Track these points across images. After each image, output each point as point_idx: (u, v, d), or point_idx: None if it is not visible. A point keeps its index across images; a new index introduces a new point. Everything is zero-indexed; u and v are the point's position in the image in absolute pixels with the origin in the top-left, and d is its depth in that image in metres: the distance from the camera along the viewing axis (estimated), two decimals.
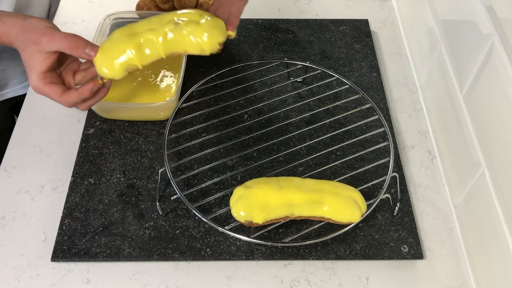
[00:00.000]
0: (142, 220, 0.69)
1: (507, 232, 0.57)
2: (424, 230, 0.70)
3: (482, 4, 0.63)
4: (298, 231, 0.67)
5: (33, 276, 0.65)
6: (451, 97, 0.72)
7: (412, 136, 0.80)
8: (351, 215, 0.63)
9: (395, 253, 0.66)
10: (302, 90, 0.82)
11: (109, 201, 0.71)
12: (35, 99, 0.83)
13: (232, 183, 0.72)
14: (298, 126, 0.78)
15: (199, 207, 0.67)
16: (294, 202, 0.63)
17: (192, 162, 0.74)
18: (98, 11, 0.97)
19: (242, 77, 0.83)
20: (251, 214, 0.62)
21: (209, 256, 0.66)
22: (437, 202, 0.73)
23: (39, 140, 0.78)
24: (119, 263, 0.66)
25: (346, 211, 0.63)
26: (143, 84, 0.81)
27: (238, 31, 0.92)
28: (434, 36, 0.79)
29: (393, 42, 0.94)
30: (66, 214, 0.69)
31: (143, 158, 0.75)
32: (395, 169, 0.74)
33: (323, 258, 0.66)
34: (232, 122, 0.79)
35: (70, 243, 0.66)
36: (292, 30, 0.93)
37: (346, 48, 0.90)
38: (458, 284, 0.66)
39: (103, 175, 0.73)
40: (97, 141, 0.77)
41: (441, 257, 0.68)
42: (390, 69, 0.90)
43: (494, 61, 0.60)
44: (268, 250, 0.67)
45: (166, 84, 0.81)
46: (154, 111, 0.77)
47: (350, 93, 0.81)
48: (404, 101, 0.85)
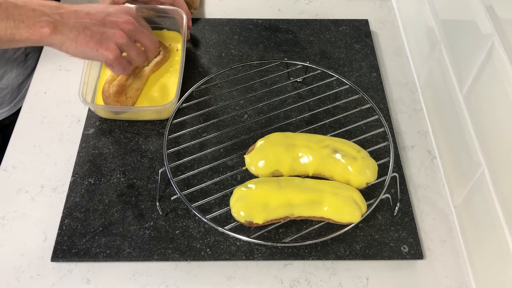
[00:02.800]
0: (142, 220, 0.69)
1: (507, 232, 0.57)
2: (424, 230, 0.70)
3: (482, 4, 0.63)
4: (298, 231, 0.67)
5: (33, 276, 0.65)
6: (451, 97, 0.72)
7: (412, 136, 0.80)
8: (351, 215, 0.63)
9: (395, 253, 0.66)
10: (302, 90, 0.82)
11: (109, 201, 0.70)
12: (35, 99, 0.83)
13: (232, 183, 0.72)
14: (298, 126, 0.78)
15: (199, 207, 0.67)
16: (294, 202, 0.63)
17: (192, 162, 0.74)
18: None
19: (242, 77, 0.83)
20: (251, 214, 0.62)
21: (209, 256, 0.66)
22: (437, 202, 0.73)
23: (39, 140, 0.78)
24: (119, 263, 0.66)
25: (346, 211, 0.63)
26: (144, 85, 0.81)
27: (238, 31, 0.92)
28: (434, 36, 0.79)
29: (393, 42, 0.94)
30: (66, 214, 0.69)
31: (143, 158, 0.75)
32: (395, 169, 0.74)
33: (323, 258, 0.66)
34: (232, 122, 0.79)
35: (70, 243, 0.66)
36: (292, 30, 0.93)
37: (346, 48, 0.90)
38: (458, 284, 0.66)
39: (103, 175, 0.73)
40: (97, 141, 0.77)
41: (441, 257, 0.68)
42: (390, 69, 0.90)
43: (494, 61, 0.60)
44: (268, 250, 0.67)
45: (166, 85, 0.81)
46: (153, 113, 0.78)
47: (350, 93, 0.81)
48: (404, 101, 0.85)
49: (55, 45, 0.63)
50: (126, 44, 0.67)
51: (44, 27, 0.61)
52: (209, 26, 0.93)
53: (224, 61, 0.88)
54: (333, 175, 0.67)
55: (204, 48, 0.90)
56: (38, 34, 0.61)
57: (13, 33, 0.61)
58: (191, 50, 0.89)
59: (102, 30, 0.65)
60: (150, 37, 0.71)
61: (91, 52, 0.64)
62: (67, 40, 0.63)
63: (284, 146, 0.67)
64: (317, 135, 0.70)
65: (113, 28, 0.66)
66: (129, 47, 0.68)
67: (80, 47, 0.64)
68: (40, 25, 0.61)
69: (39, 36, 0.61)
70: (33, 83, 0.85)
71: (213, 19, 0.95)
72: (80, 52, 0.64)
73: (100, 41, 0.64)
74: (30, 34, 0.61)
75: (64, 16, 0.63)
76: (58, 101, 0.83)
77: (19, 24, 0.61)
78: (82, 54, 0.65)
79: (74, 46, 0.63)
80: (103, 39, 0.65)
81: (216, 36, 0.92)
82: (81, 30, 0.63)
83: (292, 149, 0.67)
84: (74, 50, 0.64)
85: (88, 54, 0.65)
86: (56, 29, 0.62)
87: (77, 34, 0.63)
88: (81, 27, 0.63)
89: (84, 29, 0.64)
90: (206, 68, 0.87)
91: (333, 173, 0.67)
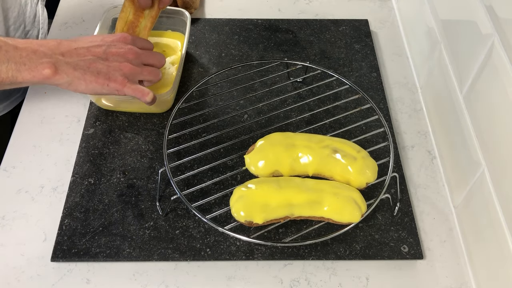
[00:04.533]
0: (142, 220, 0.69)
1: (507, 232, 0.57)
2: (424, 230, 0.70)
3: (482, 4, 0.63)
4: (298, 231, 0.67)
5: (33, 276, 0.65)
6: (451, 97, 0.72)
7: (412, 136, 0.80)
8: (351, 215, 0.63)
9: (395, 253, 0.67)
10: (302, 90, 0.82)
11: (109, 201, 0.71)
12: (35, 99, 0.83)
13: (232, 183, 0.72)
14: (298, 126, 0.78)
15: (199, 207, 0.67)
16: (294, 202, 0.63)
17: (192, 162, 0.74)
18: (98, 11, 0.97)
19: (242, 77, 0.83)
20: (251, 214, 0.62)
21: (209, 256, 0.66)
22: (437, 202, 0.73)
23: (39, 140, 0.78)
24: (119, 263, 0.66)
25: (346, 211, 0.63)
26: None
27: (238, 31, 0.92)
28: (434, 36, 0.79)
29: (393, 42, 0.94)
30: (66, 214, 0.69)
31: (143, 158, 0.75)
32: (395, 169, 0.74)
33: (323, 258, 0.66)
34: (232, 122, 0.79)
35: (70, 243, 0.66)
36: (292, 30, 0.93)
37: (346, 48, 0.90)
38: (458, 284, 0.66)
39: (103, 175, 0.73)
40: (97, 141, 0.77)
41: (441, 257, 0.68)
42: (390, 69, 0.90)
43: (494, 61, 0.60)
44: (268, 250, 0.67)
45: (165, 78, 0.81)
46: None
47: (350, 93, 0.81)
48: (404, 101, 0.85)
49: (62, 85, 0.63)
50: (135, 72, 0.67)
51: (46, 68, 0.60)
52: (209, 26, 0.93)
53: (224, 61, 0.88)
54: (333, 175, 0.67)
55: (204, 48, 0.90)
56: (40, 76, 0.61)
57: (15, 75, 0.60)
58: (191, 50, 0.89)
59: (107, 65, 0.65)
60: (153, 55, 0.71)
61: (101, 87, 0.64)
62: (74, 80, 0.62)
63: (284, 146, 0.67)
64: (317, 135, 0.70)
65: (117, 61, 0.65)
66: (139, 73, 0.68)
67: (91, 85, 0.63)
68: (42, 67, 0.60)
69: (41, 78, 0.61)
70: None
71: (213, 19, 0.95)
72: (91, 90, 0.64)
73: (108, 76, 0.64)
74: (32, 77, 0.60)
75: (66, 55, 0.63)
76: (58, 101, 0.83)
77: (21, 67, 0.60)
78: (93, 91, 0.65)
79: (84, 85, 0.63)
80: (110, 73, 0.64)
81: (216, 36, 0.92)
82: (87, 69, 0.63)
83: (292, 149, 0.67)
84: (84, 89, 0.64)
85: (99, 91, 0.65)
86: (58, 69, 0.61)
87: (83, 72, 0.63)
88: (85, 65, 0.63)
89: (89, 67, 0.63)
90: (206, 68, 0.87)
91: (333, 173, 0.67)
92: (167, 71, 0.83)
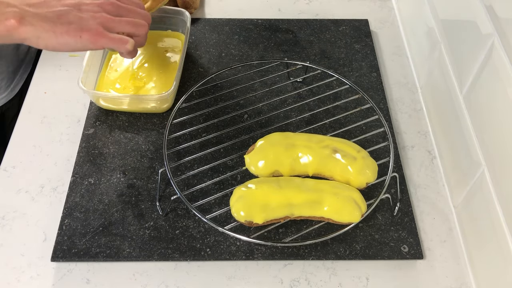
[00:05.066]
0: (142, 220, 0.69)
1: (507, 232, 0.57)
2: (424, 230, 0.70)
3: (482, 4, 0.63)
4: (298, 231, 0.67)
5: (33, 276, 0.65)
6: (451, 97, 0.72)
7: (412, 136, 0.80)
8: (351, 215, 0.63)
9: (395, 253, 0.67)
10: (302, 90, 0.82)
11: (109, 201, 0.71)
12: (35, 99, 0.83)
13: (232, 183, 0.72)
14: (298, 126, 0.78)
15: (199, 207, 0.67)
16: (294, 202, 0.63)
17: (192, 162, 0.74)
18: None
19: (242, 77, 0.83)
20: (251, 214, 0.62)
21: (209, 256, 0.66)
22: (437, 202, 0.73)
23: (39, 140, 0.78)
24: (119, 263, 0.66)
25: (346, 211, 0.63)
26: (144, 76, 0.82)
27: (238, 31, 0.92)
28: (434, 36, 0.79)
29: (393, 42, 0.94)
30: (66, 214, 0.69)
31: (143, 158, 0.75)
32: (395, 169, 0.74)
33: (323, 258, 0.66)
34: (232, 122, 0.79)
35: (70, 243, 0.66)
36: (292, 30, 0.93)
37: (346, 48, 0.90)
38: (458, 284, 0.66)
39: (103, 175, 0.73)
40: (97, 141, 0.77)
41: (441, 257, 0.68)
42: (390, 69, 0.90)
43: (494, 61, 0.60)
44: (268, 250, 0.67)
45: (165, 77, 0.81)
46: (151, 103, 0.78)
47: (350, 93, 0.81)
48: (404, 101, 0.85)
49: (30, 41, 0.56)
50: (112, 21, 0.59)
51: (10, 18, 0.54)
52: (209, 26, 0.93)
53: (224, 61, 0.88)
54: (333, 175, 0.67)
55: (204, 48, 0.90)
56: (4, 28, 0.54)
57: None
58: (191, 50, 0.89)
59: (80, 16, 0.58)
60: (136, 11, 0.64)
61: (74, 40, 0.57)
62: (43, 33, 0.56)
63: (284, 146, 0.67)
64: (317, 135, 0.70)
65: (91, 10, 0.59)
66: (117, 23, 0.60)
67: (62, 39, 0.56)
68: (5, 16, 0.54)
69: (5, 30, 0.54)
70: (33, 83, 0.85)
71: (213, 19, 0.95)
72: (62, 44, 0.57)
73: (81, 26, 0.57)
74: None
75: (34, 6, 0.56)
76: (58, 101, 0.83)
77: None
78: (66, 46, 0.57)
79: (54, 38, 0.56)
80: (83, 23, 0.57)
81: (216, 36, 0.92)
82: (57, 20, 0.56)
83: (292, 149, 0.67)
84: (55, 43, 0.57)
85: (72, 45, 0.58)
86: (24, 20, 0.55)
87: (53, 24, 0.56)
88: (55, 16, 0.56)
89: (59, 18, 0.57)
90: (206, 68, 0.87)
91: (333, 173, 0.67)
92: (167, 71, 0.83)
